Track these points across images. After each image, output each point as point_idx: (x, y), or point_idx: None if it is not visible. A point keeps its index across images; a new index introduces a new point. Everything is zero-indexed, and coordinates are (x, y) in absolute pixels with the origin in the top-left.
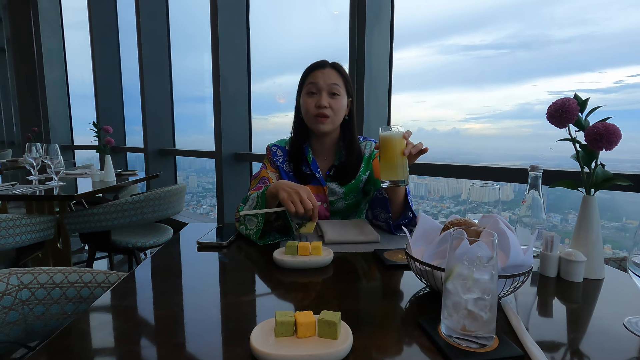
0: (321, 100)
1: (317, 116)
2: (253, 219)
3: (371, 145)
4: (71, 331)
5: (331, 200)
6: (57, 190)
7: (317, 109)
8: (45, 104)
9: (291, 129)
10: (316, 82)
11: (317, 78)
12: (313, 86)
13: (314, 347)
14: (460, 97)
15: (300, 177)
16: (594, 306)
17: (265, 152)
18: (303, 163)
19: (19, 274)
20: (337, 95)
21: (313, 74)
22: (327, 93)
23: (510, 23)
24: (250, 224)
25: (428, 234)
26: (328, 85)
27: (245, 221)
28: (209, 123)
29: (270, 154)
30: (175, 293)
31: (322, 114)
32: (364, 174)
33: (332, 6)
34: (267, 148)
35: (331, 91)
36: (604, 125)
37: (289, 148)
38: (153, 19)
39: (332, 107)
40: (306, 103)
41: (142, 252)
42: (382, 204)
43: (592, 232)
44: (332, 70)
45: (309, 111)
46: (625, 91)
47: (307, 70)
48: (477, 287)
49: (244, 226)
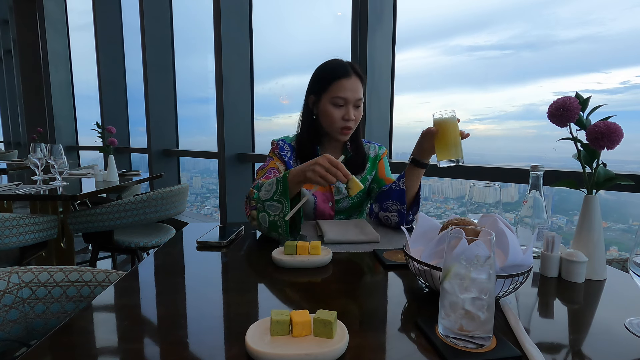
0: (349, 114)
1: (342, 128)
2: (275, 204)
3: (375, 147)
4: (70, 328)
5: (337, 199)
6: (60, 190)
7: (343, 121)
8: (50, 105)
9: (298, 127)
10: (345, 98)
11: (346, 92)
12: (341, 100)
13: (309, 346)
14: (464, 98)
15: None
16: (596, 307)
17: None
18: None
19: (20, 272)
20: (359, 106)
21: (340, 84)
22: (353, 105)
23: (515, 23)
24: (273, 209)
25: (427, 234)
26: (355, 100)
27: (265, 208)
28: (212, 124)
29: (277, 147)
30: (174, 292)
31: (348, 127)
32: (370, 173)
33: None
34: (273, 142)
35: (356, 104)
36: (606, 124)
37: (298, 146)
38: (157, 21)
39: (355, 118)
40: (333, 114)
41: (145, 252)
42: (397, 196)
43: (593, 232)
44: (357, 80)
45: (336, 123)
46: (631, 92)
47: (330, 75)
48: (475, 286)
49: (265, 213)
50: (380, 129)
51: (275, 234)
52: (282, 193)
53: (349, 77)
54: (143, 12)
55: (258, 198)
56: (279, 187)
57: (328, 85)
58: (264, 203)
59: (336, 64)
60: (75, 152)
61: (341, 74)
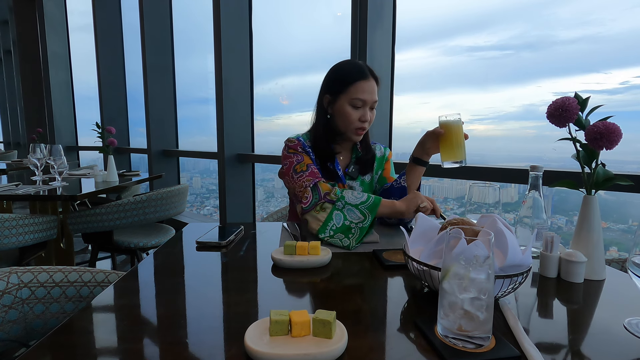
0: (366, 116)
1: (358, 129)
2: (357, 213)
3: (381, 148)
4: (69, 328)
5: None
6: (60, 191)
7: (360, 122)
8: (50, 105)
9: (312, 126)
10: (364, 100)
11: (365, 93)
12: (360, 102)
13: (308, 346)
14: (464, 98)
15: (326, 173)
16: (595, 307)
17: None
18: (329, 161)
19: (19, 272)
20: (374, 108)
21: (359, 86)
22: (369, 108)
23: (515, 24)
24: (353, 216)
25: (426, 234)
26: (372, 102)
27: (345, 209)
28: (212, 124)
29: (300, 144)
30: (173, 292)
31: (364, 128)
32: (376, 173)
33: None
34: (292, 140)
35: (372, 106)
36: (605, 124)
37: (315, 144)
38: (157, 22)
39: (370, 120)
40: (351, 115)
41: (145, 252)
42: (399, 193)
43: (593, 232)
44: (374, 83)
45: (352, 123)
46: (631, 92)
47: (349, 76)
48: (474, 286)
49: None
50: (380, 129)
51: (343, 237)
52: (371, 209)
53: (368, 80)
54: (143, 13)
55: (342, 197)
56: (370, 201)
57: (347, 87)
58: (345, 204)
59: (355, 65)
60: (75, 152)
61: (360, 76)
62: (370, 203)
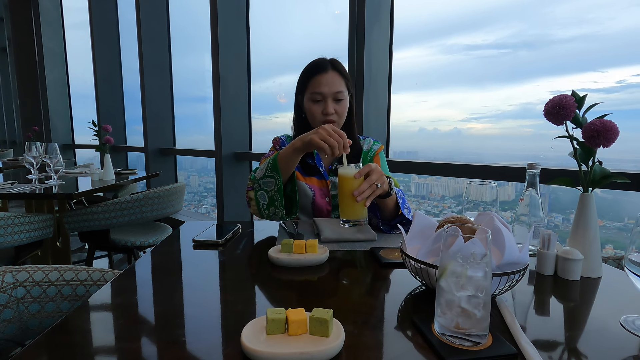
0: (327, 109)
1: (324, 123)
2: (269, 180)
3: (370, 142)
4: (65, 327)
5: (333, 195)
6: (56, 189)
7: (323, 116)
8: (46, 103)
9: (292, 127)
10: (322, 92)
11: (322, 86)
12: (318, 95)
13: (305, 344)
14: (461, 97)
15: (306, 169)
16: (591, 305)
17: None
18: (308, 156)
19: (14, 271)
20: (341, 100)
21: (316, 80)
22: (332, 100)
23: (512, 22)
24: (268, 185)
25: (424, 232)
26: (333, 94)
27: (262, 186)
28: (209, 123)
29: (279, 142)
30: (170, 290)
31: (329, 121)
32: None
33: (332, 6)
34: (276, 138)
35: (336, 98)
36: (602, 122)
37: None
38: (153, 19)
39: (337, 112)
40: (312, 110)
41: (141, 251)
42: (370, 209)
43: (589, 230)
44: (334, 74)
45: (316, 118)
46: (627, 91)
47: (308, 72)
48: (471, 284)
49: (263, 191)
50: (378, 127)
51: (274, 209)
52: (272, 168)
53: (326, 72)
54: (139, 10)
55: (254, 178)
56: (269, 164)
57: (306, 83)
58: (259, 181)
59: (315, 61)
60: (71, 150)
61: (317, 69)
62: (270, 165)
